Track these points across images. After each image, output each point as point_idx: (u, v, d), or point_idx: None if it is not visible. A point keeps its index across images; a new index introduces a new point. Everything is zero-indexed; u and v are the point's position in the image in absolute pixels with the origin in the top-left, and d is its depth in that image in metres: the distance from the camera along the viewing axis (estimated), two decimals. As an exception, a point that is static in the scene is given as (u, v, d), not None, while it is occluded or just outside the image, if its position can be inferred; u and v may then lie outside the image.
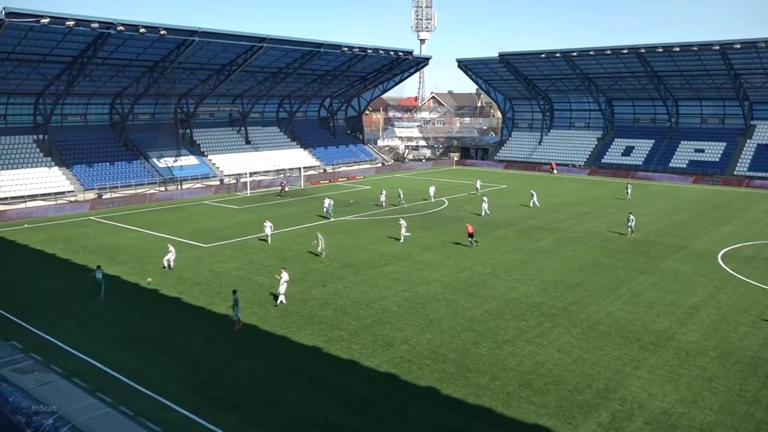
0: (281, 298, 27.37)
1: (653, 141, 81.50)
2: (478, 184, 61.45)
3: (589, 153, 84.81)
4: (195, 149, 71.87)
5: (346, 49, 70.06)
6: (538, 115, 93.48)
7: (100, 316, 26.47)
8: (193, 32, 56.27)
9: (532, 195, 54.78)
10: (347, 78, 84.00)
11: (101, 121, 67.16)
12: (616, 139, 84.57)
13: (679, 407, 18.73)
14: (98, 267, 30.13)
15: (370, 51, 72.77)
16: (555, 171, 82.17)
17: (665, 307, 27.39)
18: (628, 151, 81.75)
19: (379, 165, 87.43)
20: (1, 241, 41.95)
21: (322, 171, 79.25)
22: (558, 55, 78.24)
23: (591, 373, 20.91)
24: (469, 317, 26.00)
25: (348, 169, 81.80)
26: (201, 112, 74.28)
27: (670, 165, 76.58)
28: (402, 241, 39.47)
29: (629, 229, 41.15)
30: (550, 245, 39.08)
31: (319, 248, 36.60)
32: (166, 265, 33.53)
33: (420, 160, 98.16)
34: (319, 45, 68.21)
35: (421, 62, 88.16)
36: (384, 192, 57.16)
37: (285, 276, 27.62)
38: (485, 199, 50.97)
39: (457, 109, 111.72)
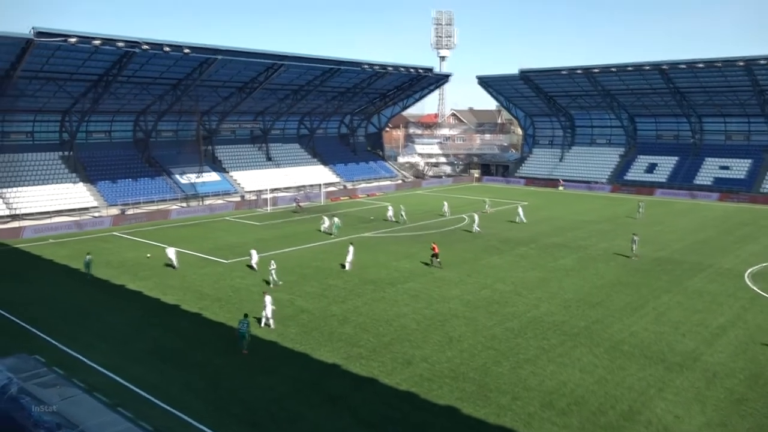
0: (269, 321, 26.53)
1: (677, 158, 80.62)
2: (446, 206, 59.21)
3: (612, 170, 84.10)
4: (217, 165, 72.62)
5: (366, 66, 70.58)
6: (559, 132, 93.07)
7: (122, 330, 26.72)
8: (216, 51, 57.13)
9: (519, 210, 55.76)
10: (367, 95, 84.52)
11: (125, 138, 68.25)
12: (639, 156, 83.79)
13: (706, 431, 18.31)
14: (88, 254, 35.17)
15: (389, 68, 73.22)
16: (561, 188, 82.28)
17: (691, 327, 26.91)
18: (651, 168, 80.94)
19: (400, 181, 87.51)
20: (26, 255, 42.69)
21: (342, 187, 79.53)
22: (579, 71, 78.00)
23: (615, 394, 20.56)
24: (489, 335, 25.78)
25: (368, 185, 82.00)
26: (223, 128, 75.15)
27: (695, 182, 75.62)
28: (347, 268, 36.77)
29: (632, 250, 40.41)
30: (572, 263, 38.73)
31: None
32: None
33: (440, 176, 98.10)
34: (339, 63, 68.82)
35: (441, 79, 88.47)
36: (391, 208, 57.52)
37: (268, 299, 26.74)
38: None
39: (478, 126, 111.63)
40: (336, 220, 50.13)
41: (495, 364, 22.90)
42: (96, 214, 56.41)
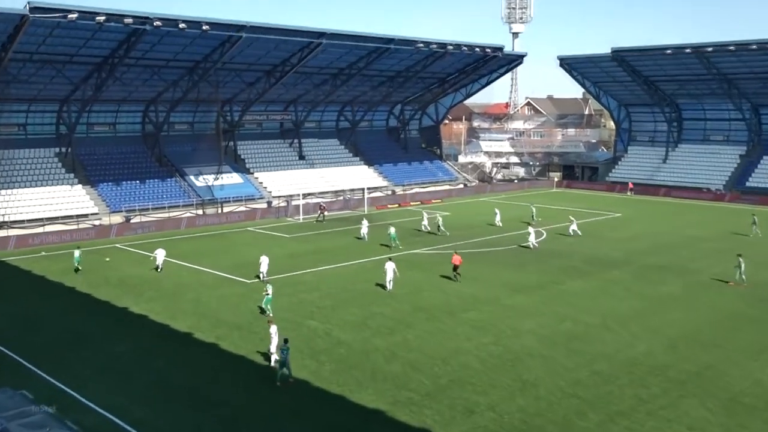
0: (275, 356, 26.50)
1: (815, 159, 77.99)
2: (498, 215, 60.64)
3: (730, 174, 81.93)
4: (239, 165, 73.83)
5: (421, 45, 70.74)
6: (662, 126, 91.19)
7: (123, 362, 27.24)
8: (240, 27, 58.18)
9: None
10: (422, 80, 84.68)
11: (132, 132, 70.08)
12: (765, 157, 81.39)
13: None
14: (78, 247, 38.27)
15: (450, 47, 73.19)
16: (630, 193, 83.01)
17: (833, 375, 25.82)
18: (780, 171, 78.55)
19: (461, 186, 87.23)
20: (14, 270, 44.12)
21: (390, 193, 79.70)
22: (688, 50, 76.34)
23: (733, 458, 19.84)
24: (572, 380, 25.30)
25: (422, 190, 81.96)
26: (247, 121, 76.43)
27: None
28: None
29: (738, 275, 39.02)
30: (677, 290, 37.91)
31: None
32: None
33: (511, 180, 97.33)
34: (389, 41, 69.16)
35: (514, 60, 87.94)
36: (427, 215, 58.11)
37: (274, 330, 26.75)
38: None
39: (559, 118, 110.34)
40: (392, 230, 50.64)
41: (579, 417, 22.44)
42: (96, 223, 58.00)
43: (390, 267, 37.95)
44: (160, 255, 43.35)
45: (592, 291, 37.80)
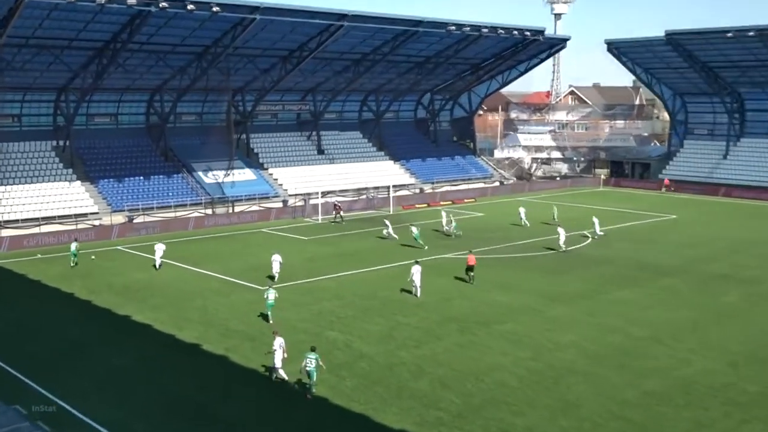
0: (279, 372, 26.50)
1: None
2: (523, 213, 61.21)
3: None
4: (252, 161, 74.17)
5: (453, 27, 70.52)
6: (722, 118, 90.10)
7: (125, 375, 27.47)
8: (254, 8, 58.39)
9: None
10: (454, 66, 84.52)
11: (135, 123, 70.68)
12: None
13: None
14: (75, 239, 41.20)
15: (485, 30, 72.92)
16: (664, 189, 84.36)
17: None
18: None
19: (496, 184, 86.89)
20: (8, 274, 44.68)
21: (417, 191, 79.60)
22: (751, 33, 75.27)
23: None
24: (620, 400, 25.10)
25: (454, 189, 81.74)
26: (261, 111, 76.78)
27: None
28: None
29: None
30: (738, 301, 37.58)
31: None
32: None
33: (553, 177, 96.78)
34: (418, 23, 69.06)
35: (556, 44, 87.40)
36: (446, 215, 58.74)
37: (279, 342, 26.55)
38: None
39: (606, 109, 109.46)
40: (414, 230, 51.34)
41: (628, 441, 22.22)
42: (96, 223, 58.56)
43: (417, 271, 38.16)
44: (159, 250, 44.91)
45: (642, 301, 37.51)
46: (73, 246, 46.00)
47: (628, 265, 45.83)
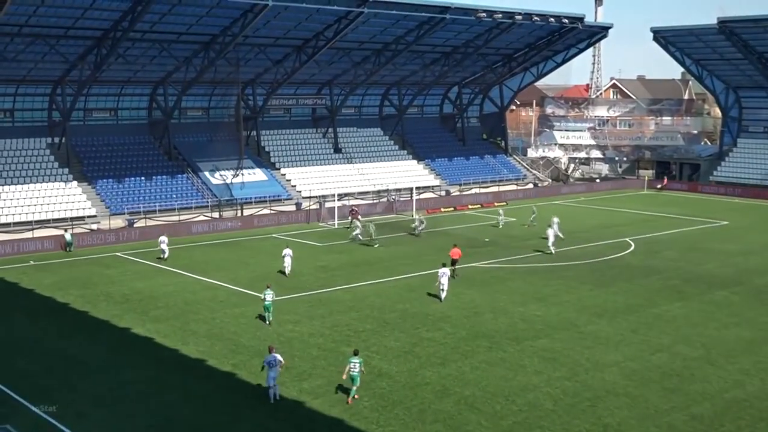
0: (275, 391, 26.46)
1: None
2: (502, 216, 63.39)
3: None
4: (263, 160, 74.48)
5: (483, 14, 70.47)
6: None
7: (125, 394, 27.59)
8: (267, -7, 58.67)
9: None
10: (484, 57, 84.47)
11: (137, 119, 71.23)
12: None
13: None
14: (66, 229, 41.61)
15: (519, 17, 72.80)
16: (660, 186, 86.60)
17: None
18: None
19: (530, 186, 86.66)
20: (-2, 282, 45.14)
21: (443, 193, 79.56)
22: (815, 19, 74.82)
23: None
24: (665, 425, 24.98)
25: (483, 191, 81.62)
26: (273, 106, 77.10)
27: None
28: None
29: None
30: (799, 317, 37.25)
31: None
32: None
33: (593, 179, 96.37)
34: (444, 9, 69.02)
35: (597, 33, 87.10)
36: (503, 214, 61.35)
37: (273, 359, 26.68)
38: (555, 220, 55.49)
39: (651, 104, 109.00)
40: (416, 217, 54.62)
41: (674, 470, 22.10)
42: (94, 227, 58.98)
43: (444, 274, 38.95)
44: (163, 244, 49.17)
45: (692, 316, 37.29)
46: (68, 236, 52.17)
47: (676, 276, 45.58)
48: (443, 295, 39.35)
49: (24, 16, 53.96)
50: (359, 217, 63.45)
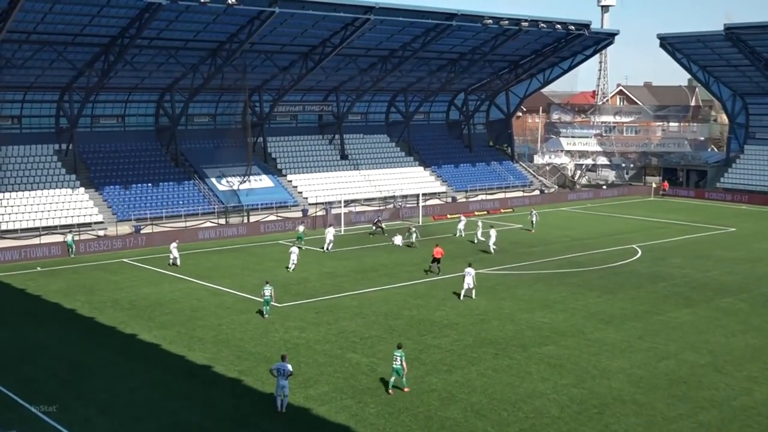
0: (282, 402, 26.19)
1: None
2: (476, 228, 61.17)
3: None
4: (269, 166, 74.59)
5: (489, 21, 70.53)
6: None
7: (130, 400, 27.63)
8: (273, 1, 58.79)
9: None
10: (491, 64, 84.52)
11: (144, 125, 71.41)
12: None
13: None
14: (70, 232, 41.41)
15: (525, 24, 72.85)
16: (662, 192, 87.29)
17: None
18: None
19: (536, 192, 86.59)
20: (5, 289, 45.19)
21: (450, 200, 79.54)
22: (822, 26, 74.71)
23: None
24: (673, 432, 24.89)
25: (490, 197, 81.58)
26: (279, 113, 77.19)
27: None
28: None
29: None
30: (806, 324, 37.13)
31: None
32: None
33: (600, 186, 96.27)
34: (451, 16, 69.06)
35: (603, 39, 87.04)
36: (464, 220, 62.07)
37: (277, 367, 26.54)
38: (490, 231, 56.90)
39: (658, 110, 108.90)
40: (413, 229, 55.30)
41: (681, 478, 22.02)
42: (101, 233, 59.14)
43: (469, 273, 40.54)
44: (174, 249, 50.37)
45: (699, 323, 37.18)
46: (69, 238, 53.84)
47: (683, 283, 45.46)
48: (464, 293, 40.97)
49: (32, 23, 54.24)
50: (383, 225, 63.23)
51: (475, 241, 58.00)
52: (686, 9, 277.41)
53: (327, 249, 55.67)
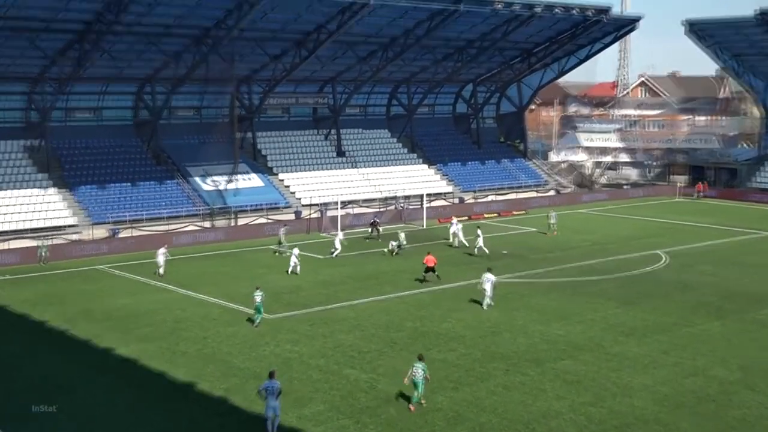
0: (274, 424, 25.89)
1: None
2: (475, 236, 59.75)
3: None
4: (259, 164, 74.55)
5: (500, 5, 70.44)
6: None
7: (106, 420, 27.53)
8: (263, -18, 58.83)
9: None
10: (501, 52, 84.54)
11: (122, 119, 71.37)
12: None
13: None
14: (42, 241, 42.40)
15: (539, 8, 72.87)
16: (696, 195, 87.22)
17: None
18: None
19: (552, 193, 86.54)
20: (-30, 298, 45.13)
21: (456, 201, 79.48)
22: None
23: None
24: (701, 456, 24.84)
25: (500, 198, 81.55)
26: (270, 106, 77.21)
27: None
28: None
29: None
30: None
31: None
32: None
33: (621, 185, 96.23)
34: (458, 0, 69.06)
35: (624, 26, 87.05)
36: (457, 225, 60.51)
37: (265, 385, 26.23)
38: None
39: (684, 103, 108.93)
40: (401, 234, 55.32)
41: (710, 506, 21.98)
42: (74, 237, 59.04)
43: (488, 279, 40.77)
44: (161, 256, 49.34)
45: (730, 336, 37.10)
46: (40, 243, 54.08)
47: (712, 292, 45.30)
48: (486, 301, 41.18)
49: (1, 8, 54.00)
50: (380, 228, 63.15)
51: (476, 252, 55.39)
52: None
53: (334, 255, 55.74)
